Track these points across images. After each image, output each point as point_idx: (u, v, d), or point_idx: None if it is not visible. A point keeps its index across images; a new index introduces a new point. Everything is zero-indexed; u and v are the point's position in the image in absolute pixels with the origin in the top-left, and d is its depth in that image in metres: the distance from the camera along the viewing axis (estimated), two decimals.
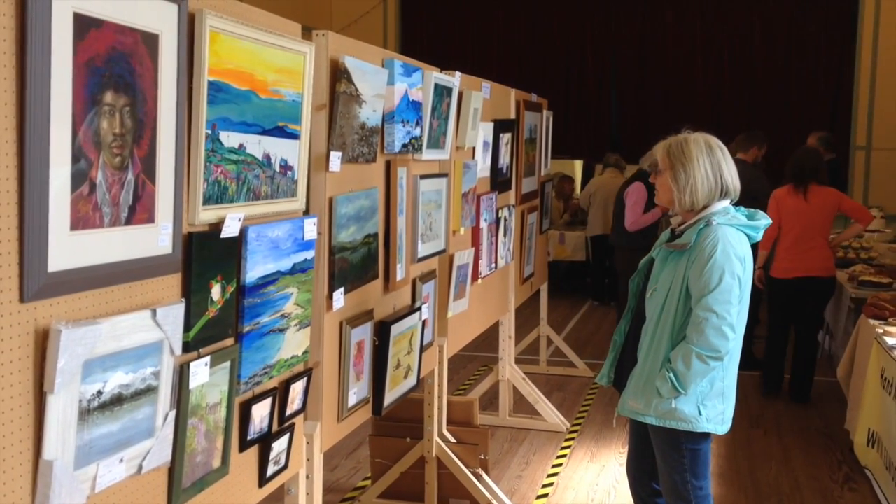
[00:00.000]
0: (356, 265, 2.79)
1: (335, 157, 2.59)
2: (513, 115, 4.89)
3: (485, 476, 3.97)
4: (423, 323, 3.36)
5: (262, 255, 2.12)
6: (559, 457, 4.90)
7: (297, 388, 2.39)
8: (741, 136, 8.06)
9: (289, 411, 2.37)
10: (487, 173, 4.36)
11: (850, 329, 5.31)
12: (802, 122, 9.82)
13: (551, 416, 5.32)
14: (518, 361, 5.65)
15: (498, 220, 4.53)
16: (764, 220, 2.93)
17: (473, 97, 3.84)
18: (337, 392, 2.73)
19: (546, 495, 4.37)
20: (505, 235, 4.70)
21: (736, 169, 2.96)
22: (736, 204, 2.96)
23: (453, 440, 3.95)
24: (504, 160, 4.63)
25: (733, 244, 2.80)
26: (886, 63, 9.78)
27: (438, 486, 3.87)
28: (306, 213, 2.44)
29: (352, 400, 2.81)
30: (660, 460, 3.00)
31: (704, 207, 2.90)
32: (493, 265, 4.53)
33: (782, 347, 6.01)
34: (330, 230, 2.60)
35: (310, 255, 2.36)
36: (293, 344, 2.33)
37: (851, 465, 4.73)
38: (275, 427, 2.30)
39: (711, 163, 2.88)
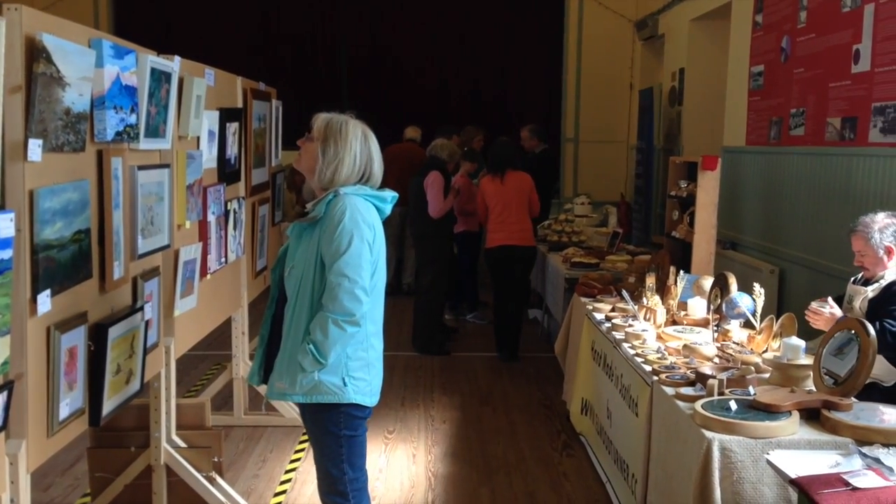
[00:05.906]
0: (65, 264, 2.55)
1: (35, 146, 2.34)
2: (240, 104, 4.73)
3: (219, 479, 3.81)
4: (147, 323, 3.16)
5: None
6: (297, 451, 4.84)
7: None
8: (470, 128, 8.66)
9: None
10: (214, 164, 4.18)
11: (566, 307, 5.76)
12: (520, 115, 10.52)
13: (288, 410, 5.24)
14: (253, 357, 5.50)
15: (227, 212, 4.36)
16: (391, 194, 3.01)
17: (196, 83, 3.66)
18: (45, 405, 2.48)
19: (284, 492, 4.30)
20: (235, 228, 4.55)
21: (382, 161, 3.03)
22: None
23: (184, 445, 3.75)
24: (232, 150, 4.47)
25: (361, 211, 2.84)
26: (588, 65, 10.80)
27: (169, 494, 3.67)
28: (1, 208, 2.19)
29: (64, 412, 2.57)
30: (315, 449, 2.94)
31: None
32: (224, 259, 4.36)
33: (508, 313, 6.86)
34: (32, 226, 2.35)
35: (6, 254, 2.12)
36: None
37: (569, 433, 5.14)
38: None
39: (362, 151, 2.95)
